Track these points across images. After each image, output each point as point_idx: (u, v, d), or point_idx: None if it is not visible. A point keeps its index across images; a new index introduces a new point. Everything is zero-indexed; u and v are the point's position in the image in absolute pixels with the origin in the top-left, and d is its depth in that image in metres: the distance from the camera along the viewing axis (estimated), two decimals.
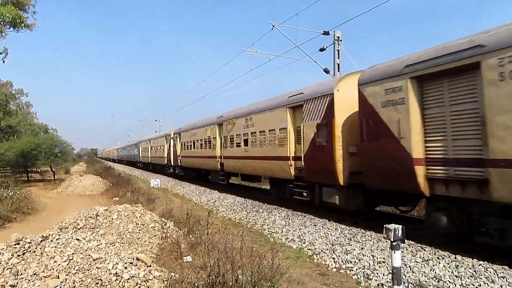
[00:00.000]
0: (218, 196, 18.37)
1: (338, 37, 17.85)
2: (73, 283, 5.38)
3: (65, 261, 5.76)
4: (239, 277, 5.48)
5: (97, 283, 5.48)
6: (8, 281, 5.42)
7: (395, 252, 5.08)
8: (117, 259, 6.00)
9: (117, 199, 18.70)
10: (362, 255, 7.52)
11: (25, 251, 6.07)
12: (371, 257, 7.35)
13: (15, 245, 6.13)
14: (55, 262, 5.73)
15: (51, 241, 6.32)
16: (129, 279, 5.66)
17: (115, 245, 6.89)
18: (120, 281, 5.59)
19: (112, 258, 6.00)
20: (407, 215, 11.28)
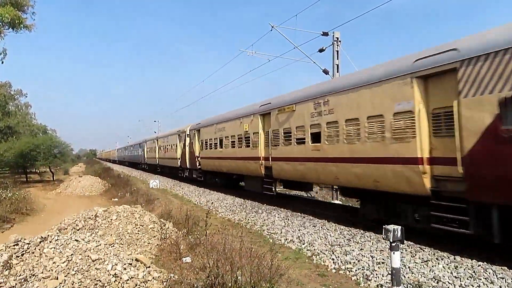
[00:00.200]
0: (217, 197, 18.35)
1: (337, 38, 17.89)
2: (72, 284, 5.37)
3: (64, 262, 5.75)
4: (238, 278, 5.48)
5: (96, 284, 5.48)
6: (7, 282, 5.42)
7: (394, 253, 5.08)
8: (116, 260, 6.00)
9: (116, 200, 18.71)
10: (361, 256, 7.52)
11: (24, 252, 6.06)
12: (371, 258, 7.35)
13: (14, 246, 6.12)
14: (54, 263, 5.72)
15: (50, 242, 6.31)
16: (128, 280, 5.66)
17: (114, 246, 6.88)
18: (119, 282, 5.59)
19: (111, 259, 5.99)
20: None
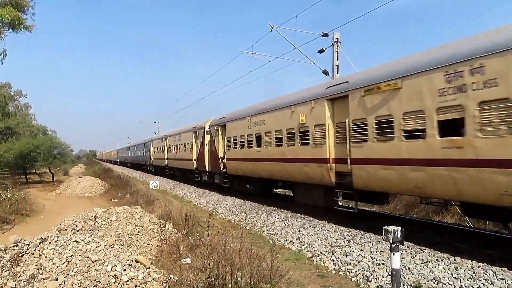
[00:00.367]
0: (217, 198, 18.34)
1: (337, 38, 17.88)
2: (72, 285, 5.37)
3: (64, 263, 5.74)
4: (238, 279, 5.47)
5: (96, 285, 5.47)
6: (6, 283, 5.41)
7: (394, 254, 5.08)
8: (116, 261, 5.99)
9: (116, 200, 18.69)
10: (361, 257, 7.51)
11: (24, 253, 6.05)
12: (371, 259, 7.34)
13: (14, 247, 6.11)
14: (53, 264, 5.72)
15: (50, 243, 6.30)
16: (128, 281, 5.65)
17: (114, 247, 6.87)
18: (119, 283, 5.59)
19: (111, 260, 5.99)
20: (406, 216, 11.26)
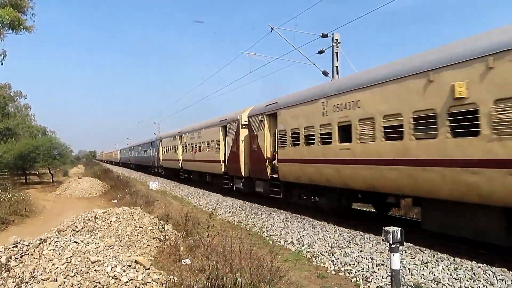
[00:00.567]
0: (217, 198, 18.32)
1: (336, 39, 17.90)
2: (71, 286, 5.37)
3: (63, 264, 5.74)
4: (238, 279, 5.47)
5: (96, 286, 5.47)
6: (6, 284, 5.41)
7: (394, 254, 5.08)
8: (115, 262, 5.99)
9: (116, 201, 18.66)
10: (361, 258, 7.51)
11: (23, 254, 6.05)
12: (370, 259, 7.34)
13: (13, 247, 6.11)
14: (53, 265, 5.71)
15: (49, 244, 6.30)
16: (127, 282, 5.65)
17: (113, 247, 6.86)
18: (118, 284, 5.58)
19: (110, 261, 5.98)
20: (405, 217, 11.26)
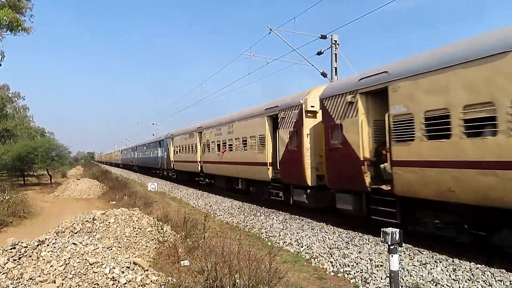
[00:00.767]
0: (215, 199, 18.31)
1: (335, 41, 17.94)
2: (70, 287, 5.35)
3: (62, 265, 5.72)
4: (237, 281, 5.46)
5: None
6: (3, 285, 5.38)
7: (392, 255, 5.08)
8: (114, 263, 5.97)
9: (114, 203, 18.61)
10: (359, 259, 7.51)
11: (21, 256, 6.02)
12: (369, 260, 7.35)
13: (11, 249, 6.08)
14: (51, 266, 5.69)
15: (48, 245, 6.28)
16: (126, 283, 5.63)
17: (112, 249, 6.85)
18: (117, 286, 5.57)
19: (109, 262, 5.97)
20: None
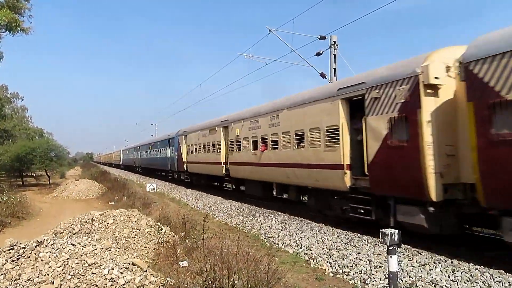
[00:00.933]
0: (214, 200, 18.29)
1: (334, 41, 17.96)
2: None
3: (60, 266, 5.70)
4: (236, 282, 5.46)
5: None
6: (2, 286, 5.37)
7: (391, 256, 5.08)
8: (112, 264, 5.96)
9: (113, 203, 18.59)
10: (358, 260, 7.51)
11: (20, 257, 6.00)
12: (368, 261, 7.35)
13: (9, 250, 6.06)
14: (49, 267, 5.67)
15: (46, 246, 6.26)
16: (124, 284, 5.62)
17: (110, 250, 6.83)
18: (115, 287, 5.55)
19: (107, 263, 5.95)
20: None
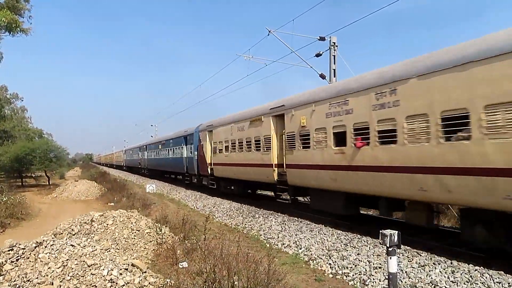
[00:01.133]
0: (214, 201, 18.29)
1: (334, 42, 17.94)
2: None
3: (60, 267, 5.70)
4: (235, 283, 5.45)
5: None
6: (1, 287, 5.36)
7: (391, 257, 5.08)
8: (112, 265, 5.96)
9: (113, 204, 18.58)
10: (358, 261, 7.51)
11: (19, 257, 6.00)
12: (367, 262, 7.34)
13: (9, 251, 6.06)
14: (49, 268, 5.67)
15: (45, 247, 6.26)
16: (124, 285, 5.62)
17: (110, 251, 6.83)
18: None
19: (107, 264, 5.95)
20: (403, 220, 11.24)
